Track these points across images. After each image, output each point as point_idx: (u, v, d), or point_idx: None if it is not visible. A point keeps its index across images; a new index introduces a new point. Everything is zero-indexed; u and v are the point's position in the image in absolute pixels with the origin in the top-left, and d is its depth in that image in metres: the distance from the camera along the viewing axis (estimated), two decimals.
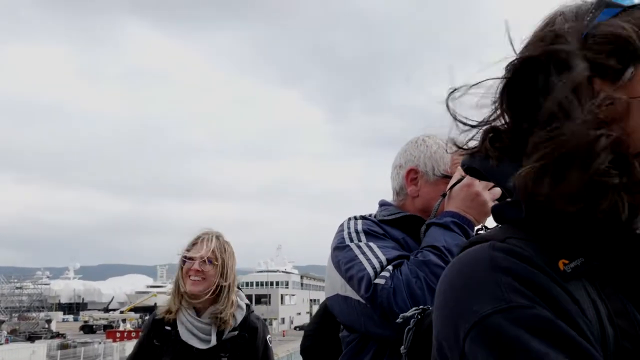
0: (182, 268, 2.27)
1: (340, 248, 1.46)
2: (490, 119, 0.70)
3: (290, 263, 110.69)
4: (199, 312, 2.25)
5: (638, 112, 0.60)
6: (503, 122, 0.69)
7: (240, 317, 2.30)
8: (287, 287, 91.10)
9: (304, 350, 2.38)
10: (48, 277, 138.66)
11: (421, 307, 0.90)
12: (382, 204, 1.64)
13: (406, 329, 0.87)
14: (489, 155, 0.69)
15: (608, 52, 0.62)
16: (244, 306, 2.36)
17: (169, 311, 2.26)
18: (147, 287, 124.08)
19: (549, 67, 0.63)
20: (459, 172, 1.46)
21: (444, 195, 1.46)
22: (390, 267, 1.32)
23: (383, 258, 1.35)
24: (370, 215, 1.60)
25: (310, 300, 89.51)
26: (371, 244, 1.41)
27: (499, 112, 0.69)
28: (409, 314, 0.89)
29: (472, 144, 0.73)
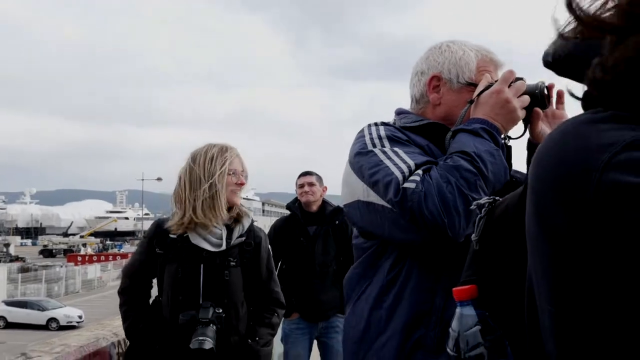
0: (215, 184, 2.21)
1: (363, 153, 1.41)
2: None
3: (252, 190, 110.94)
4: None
5: None
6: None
7: (247, 224, 2.32)
8: None
9: None
10: (4, 201, 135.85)
11: (492, 197, 0.88)
12: (400, 112, 1.57)
13: (477, 217, 0.86)
14: (583, 36, 0.66)
15: None
16: (250, 214, 2.40)
17: (185, 223, 2.21)
18: (107, 212, 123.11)
19: None
20: (486, 79, 1.41)
21: (471, 102, 1.41)
22: (419, 172, 1.28)
23: (411, 162, 1.31)
24: (389, 122, 1.54)
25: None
26: (396, 149, 1.37)
27: None
28: (482, 201, 0.87)
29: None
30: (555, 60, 0.76)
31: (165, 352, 2.16)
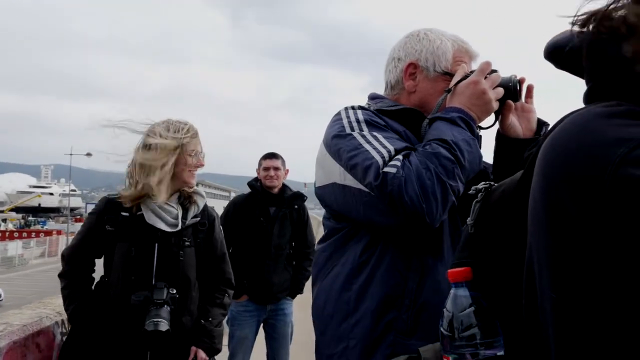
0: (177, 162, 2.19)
1: (341, 136, 1.41)
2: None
3: None
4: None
5: None
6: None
7: (201, 204, 2.30)
8: None
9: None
10: None
11: (488, 182, 0.90)
12: (375, 96, 1.59)
13: (474, 202, 0.89)
14: (595, 33, 0.70)
15: None
16: (204, 194, 2.38)
17: (137, 197, 2.17)
18: (30, 187, 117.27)
19: None
20: (462, 70, 1.44)
21: (448, 91, 1.43)
22: (400, 157, 1.30)
23: (391, 147, 1.33)
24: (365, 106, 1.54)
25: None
26: (375, 133, 1.38)
27: None
28: (480, 186, 0.90)
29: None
30: (558, 54, 0.78)
31: (114, 334, 2.08)
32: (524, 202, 0.74)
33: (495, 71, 1.43)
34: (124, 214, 2.15)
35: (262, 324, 3.93)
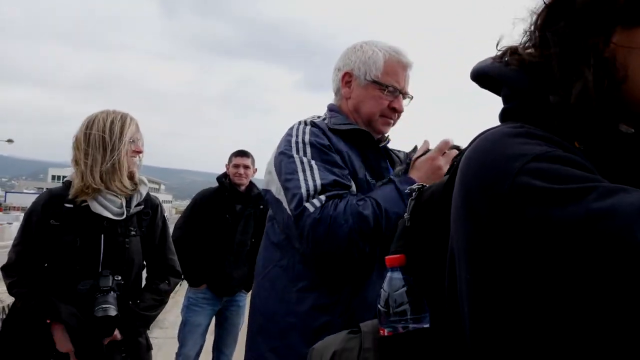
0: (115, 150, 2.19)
1: (285, 154, 1.55)
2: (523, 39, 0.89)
3: None
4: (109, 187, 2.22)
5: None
6: (532, 42, 0.88)
7: (144, 192, 2.32)
8: None
9: (175, 240, 2.64)
10: None
11: (421, 184, 1.05)
12: (331, 108, 1.74)
13: (409, 200, 1.03)
14: (508, 63, 0.88)
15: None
16: (146, 182, 2.38)
17: (84, 190, 2.17)
18: None
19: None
20: (425, 146, 1.61)
21: (407, 164, 1.60)
22: (323, 197, 1.44)
23: (319, 182, 1.46)
24: (319, 118, 1.69)
25: None
26: (313, 162, 1.50)
27: (532, 30, 0.87)
28: (414, 186, 1.04)
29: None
30: (481, 78, 0.95)
31: (62, 322, 2.08)
32: (448, 203, 0.90)
33: (456, 147, 1.55)
34: (67, 205, 2.15)
35: (215, 314, 4.02)
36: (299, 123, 1.64)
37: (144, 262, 2.32)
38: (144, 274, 2.38)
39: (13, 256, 2.19)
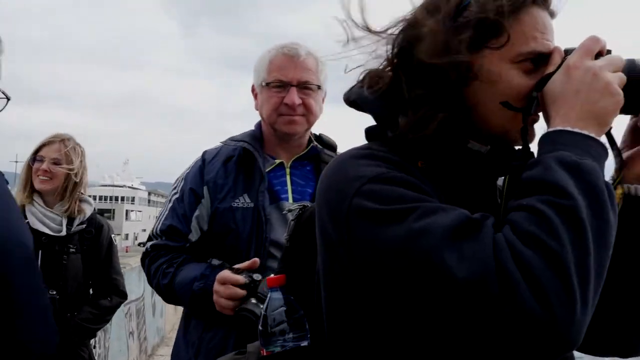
0: (31, 167, 2.36)
1: (178, 181, 1.71)
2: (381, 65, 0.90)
3: (137, 179, 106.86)
4: (48, 204, 2.36)
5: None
6: (388, 67, 0.89)
7: (89, 211, 2.42)
8: (133, 203, 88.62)
9: None
10: None
11: (302, 203, 1.08)
12: (256, 126, 1.78)
13: (290, 220, 1.06)
14: (370, 87, 0.89)
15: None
16: (92, 202, 2.50)
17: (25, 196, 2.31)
18: None
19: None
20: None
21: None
22: (157, 242, 1.65)
23: (158, 228, 1.65)
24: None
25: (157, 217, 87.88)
26: (170, 205, 1.67)
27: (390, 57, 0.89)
28: (293, 207, 1.07)
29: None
30: (350, 102, 0.97)
31: None
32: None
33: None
34: None
35: None
36: (198, 158, 1.73)
37: (86, 279, 2.40)
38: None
39: None
